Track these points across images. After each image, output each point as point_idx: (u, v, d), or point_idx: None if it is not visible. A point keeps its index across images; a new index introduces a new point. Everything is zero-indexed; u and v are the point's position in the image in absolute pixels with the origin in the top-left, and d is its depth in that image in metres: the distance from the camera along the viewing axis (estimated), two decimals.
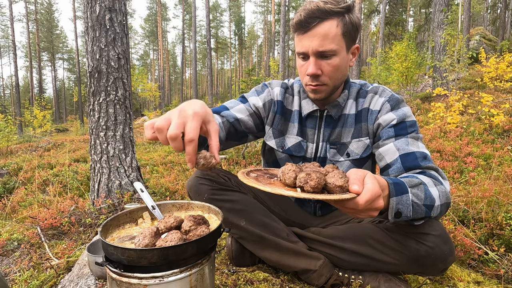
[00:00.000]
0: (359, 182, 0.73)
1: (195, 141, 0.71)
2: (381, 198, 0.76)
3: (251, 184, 0.74)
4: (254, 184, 0.73)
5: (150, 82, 35.20)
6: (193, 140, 0.71)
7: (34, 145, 8.82)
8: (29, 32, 31.73)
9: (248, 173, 0.85)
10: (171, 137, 0.70)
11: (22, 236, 2.03)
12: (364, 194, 0.72)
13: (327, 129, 1.21)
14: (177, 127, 0.71)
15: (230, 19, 50.26)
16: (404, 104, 1.14)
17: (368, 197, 0.71)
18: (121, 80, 2.54)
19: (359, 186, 0.72)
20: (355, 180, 0.74)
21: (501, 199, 2.02)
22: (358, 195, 0.72)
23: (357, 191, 0.72)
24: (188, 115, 0.73)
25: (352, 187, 0.73)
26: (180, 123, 0.72)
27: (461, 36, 7.51)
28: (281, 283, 1.17)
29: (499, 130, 4.57)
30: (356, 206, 0.72)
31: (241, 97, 1.28)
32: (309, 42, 1.03)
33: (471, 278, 1.33)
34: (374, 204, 0.74)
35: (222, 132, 1.11)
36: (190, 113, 0.73)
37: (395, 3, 19.26)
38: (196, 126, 0.72)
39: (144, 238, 0.71)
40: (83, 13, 2.57)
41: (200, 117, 0.74)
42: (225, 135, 1.12)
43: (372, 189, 0.72)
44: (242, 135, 1.20)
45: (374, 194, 0.72)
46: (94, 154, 2.54)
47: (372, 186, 0.73)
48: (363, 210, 0.75)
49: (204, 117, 0.76)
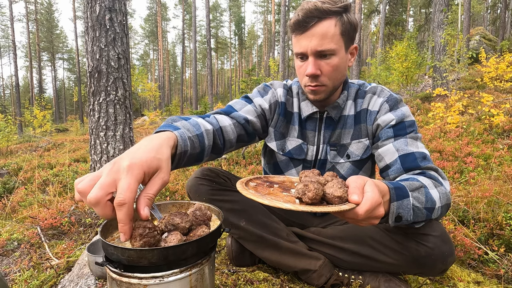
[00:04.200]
0: (359, 191, 0.71)
1: (126, 205, 0.56)
2: (381, 206, 0.74)
3: (250, 196, 0.72)
4: (252, 196, 0.71)
5: (150, 82, 35.18)
6: (124, 204, 0.56)
7: (34, 145, 8.83)
8: (29, 32, 31.73)
9: (247, 183, 0.84)
10: (90, 202, 0.55)
11: (22, 236, 2.03)
12: (364, 204, 0.70)
13: (327, 131, 1.20)
14: (100, 187, 0.56)
15: (230, 19, 50.26)
16: (402, 104, 1.14)
17: (368, 206, 0.69)
18: (121, 80, 2.54)
19: (358, 195, 0.70)
20: (355, 189, 0.71)
21: (501, 199, 2.02)
22: (357, 205, 0.70)
23: (356, 201, 0.70)
24: (121, 168, 0.58)
25: (352, 197, 0.70)
26: (107, 182, 0.56)
27: (461, 36, 7.52)
28: (281, 283, 1.17)
29: (499, 130, 4.57)
30: (356, 217, 0.70)
31: (244, 97, 1.25)
32: (307, 42, 1.03)
33: (471, 278, 1.33)
34: (375, 212, 0.73)
35: (233, 134, 1.09)
36: (125, 166, 0.58)
37: (395, 3, 19.26)
38: (130, 183, 0.57)
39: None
40: (83, 13, 2.57)
41: (140, 168, 0.59)
42: (236, 137, 1.10)
43: (372, 197, 0.70)
44: (251, 136, 1.19)
45: (375, 203, 0.71)
46: (94, 154, 2.54)
47: (372, 194, 0.71)
48: (364, 220, 0.73)
49: (149, 165, 0.61)
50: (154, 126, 12.30)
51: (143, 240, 0.66)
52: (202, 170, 1.20)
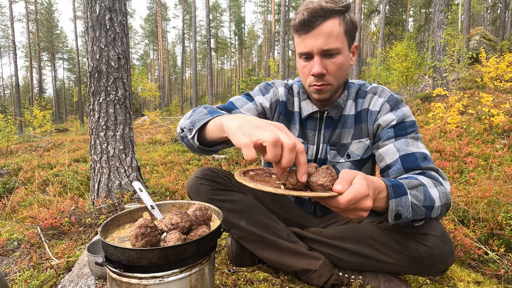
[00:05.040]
0: (345, 182, 0.72)
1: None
2: (368, 198, 0.74)
3: (239, 180, 0.74)
4: (242, 180, 0.73)
5: (150, 82, 35.17)
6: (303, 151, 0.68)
7: (34, 145, 8.82)
8: (29, 32, 31.73)
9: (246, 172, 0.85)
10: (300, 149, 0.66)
11: (22, 236, 2.03)
12: (347, 194, 0.71)
13: (327, 130, 1.20)
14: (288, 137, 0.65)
15: (230, 19, 50.26)
16: (403, 104, 1.14)
17: (350, 196, 0.70)
18: (121, 80, 2.54)
19: (343, 185, 0.72)
20: (341, 180, 0.73)
21: (501, 199, 2.02)
22: (339, 194, 0.71)
23: (338, 190, 0.71)
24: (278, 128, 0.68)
25: (335, 186, 0.72)
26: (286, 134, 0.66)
27: (461, 36, 7.51)
28: (281, 283, 1.17)
29: (499, 130, 4.57)
30: (338, 205, 0.72)
31: (246, 94, 1.25)
32: (313, 41, 1.03)
33: (471, 278, 1.33)
34: (360, 204, 0.73)
35: None
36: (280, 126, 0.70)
37: (395, 3, 19.26)
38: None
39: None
40: (83, 13, 2.57)
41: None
42: None
43: (357, 189, 0.71)
44: None
45: (359, 195, 0.71)
46: (94, 154, 2.54)
47: (359, 186, 0.72)
48: (349, 210, 0.74)
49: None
50: (154, 126, 12.28)
51: (144, 240, 0.66)
52: (202, 170, 1.20)
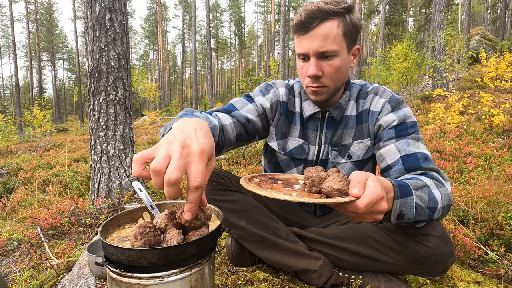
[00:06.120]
0: (360, 185, 0.71)
1: (201, 188, 0.59)
2: (384, 200, 0.73)
3: (250, 188, 0.73)
4: (252, 188, 0.72)
5: (150, 82, 35.19)
6: (200, 187, 0.58)
7: (34, 145, 8.82)
8: (29, 32, 31.74)
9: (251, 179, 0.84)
10: (170, 182, 0.56)
11: (22, 236, 2.03)
12: (365, 197, 0.69)
13: (329, 131, 1.20)
14: (178, 169, 0.56)
15: (230, 19, 50.27)
16: (404, 104, 1.14)
17: (368, 200, 0.69)
18: (121, 80, 2.54)
19: (359, 189, 0.70)
20: (356, 183, 0.71)
21: (501, 199, 2.02)
22: (357, 198, 0.69)
23: (356, 194, 0.69)
24: (193, 152, 0.59)
25: (352, 190, 0.70)
26: (182, 165, 0.57)
27: (461, 36, 7.51)
28: (281, 283, 1.17)
29: (499, 130, 4.57)
30: (357, 210, 0.70)
31: (246, 95, 1.25)
32: (309, 43, 1.02)
33: (471, 278, 1.33)
34: (377, 207, 0.72)
35: (233, 133, 1.09)
36: (197, 150, 0.59)
37: (395, 3, 19.26)
38: (204, 169, 0.59)
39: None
40: (83, 13, 2.57)
41: (207, 155, 0.61)
42: (235, 136, 1.10)
43: (373, 192, 0.70)
44: (251, 135, 1.19)
45: (376, 197, 0.70)
46: (94, 154, 2.54)
47: (374, 189, 0.71)
48: (366, 214, 0.73)
49: (211, 152, 0.63)
50: (154, 126, 12.29)
51: (143, 240, 0.66)
52: None
